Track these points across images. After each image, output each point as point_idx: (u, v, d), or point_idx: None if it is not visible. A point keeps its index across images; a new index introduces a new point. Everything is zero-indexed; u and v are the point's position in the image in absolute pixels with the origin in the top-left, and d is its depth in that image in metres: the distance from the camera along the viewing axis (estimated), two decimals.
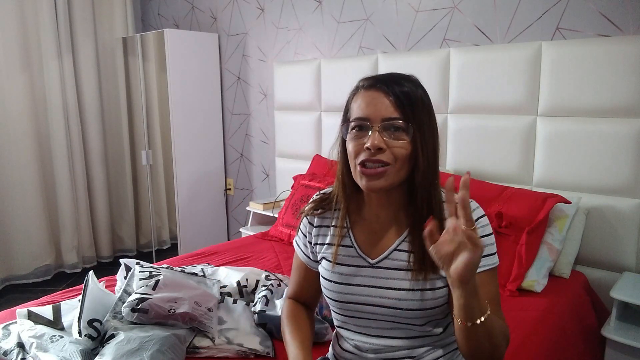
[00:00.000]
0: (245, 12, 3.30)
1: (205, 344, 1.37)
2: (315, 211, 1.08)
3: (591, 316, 1.82)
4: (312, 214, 1.09)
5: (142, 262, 1.63)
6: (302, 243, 1.12)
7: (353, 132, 0.95)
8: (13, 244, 3.30)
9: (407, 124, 0.91)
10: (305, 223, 1.10)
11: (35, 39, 3.29)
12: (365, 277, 0.99)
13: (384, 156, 0.91)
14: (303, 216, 1.11)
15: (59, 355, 1.24)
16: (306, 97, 2.93)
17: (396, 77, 0.95)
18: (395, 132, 0.91)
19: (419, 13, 2.45)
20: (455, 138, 2.31)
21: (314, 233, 1.08)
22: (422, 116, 0.93)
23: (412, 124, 0.91)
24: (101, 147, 3.70)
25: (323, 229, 1.07)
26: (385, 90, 0.92)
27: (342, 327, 1.06)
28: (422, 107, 0.94)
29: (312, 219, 1.09)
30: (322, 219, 1.08)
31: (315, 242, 1.08)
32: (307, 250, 1.11)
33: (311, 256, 1.10)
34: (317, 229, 1.08)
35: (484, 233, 0.94)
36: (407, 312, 0.95)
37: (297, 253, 1.14)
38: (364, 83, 0.97)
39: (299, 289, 1.15)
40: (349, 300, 1.00)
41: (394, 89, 0.92)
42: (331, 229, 1.06)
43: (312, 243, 1.09)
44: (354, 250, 1.02)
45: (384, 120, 0.91)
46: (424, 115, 0.94)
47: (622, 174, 1.87)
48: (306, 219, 1.10)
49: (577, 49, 1.93)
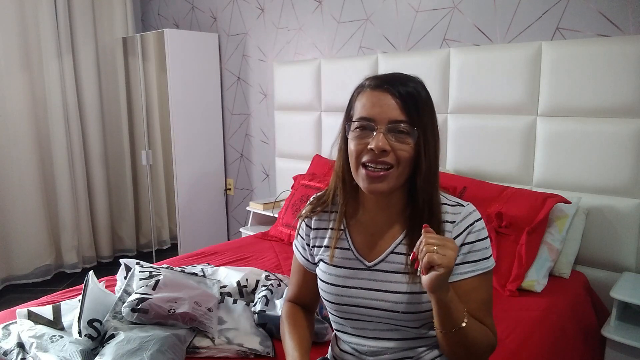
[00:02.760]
0: (245, 12, 3.30)
1: (205, 344, 1.37)
2: (313, 212, 1.08)
3: (591, 316, 1.82)
4: (309, 216, 1.08)
5: (142, 262, 1.63)
6: (300, 246, 1.12)
7: (357, 131, 0.93)
8: (13, 244, 3.30)
9: (413, 127, 0.90)
10: (303, 226, 1.10)
11: (35, 39, 3.29)
12: (362, 279, 0.99)
13: (388, 158, 0.90)
14: (301, 220, 1.10)
15: (59, 355, 1.24)
16: (306, 97, 2.93)
17: (402, 78, 0.94)
18: (400, 134, 0.90)
19: (419, 13, 2.45)
20: (455, 138, 2.31)
21: (311, 235, 1.08)
22: (427, 119, 0.93)
23: (418, 128, 0.91)
24: (101, 147, 3.70)
25: (321, 231, 1.07)
26: (392, 91, 0.91)
27: (340, 330, 1.06)
28: (427, 110, 0.93)
29: (309, 221, 1.09)
30: (319, 222, 1.08)
31: (313, 245, 1.08)
32: (305, 253, 1.10)
33: (310, 259, 1.10)
34: (315, 232, 1.08)
35: (478, 238, 0.94)
36: (404, 314, 0.95)
37: (296, 256, 1.14)
38: (371, 82, 0.95)
39: (298, 291, 1.15)
40: (345, 302, 1.00)
41: (401, 90, 0.91)
42: (328, 231, 1.06)
43: (310, 245, 1.09)
44: (351, 253, 1.01)
45: (390, 122, 0.90)
46: (428, 119, 0.93)
47: (622, 174, 1.87)
48: (304, 222, 1.10)
49: (577, 49, 1.93)
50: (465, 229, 0.94)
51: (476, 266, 0.93)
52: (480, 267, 0.94)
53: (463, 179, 2.12)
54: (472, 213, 0.96)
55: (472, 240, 0.94)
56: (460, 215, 0.95)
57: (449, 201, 0.97)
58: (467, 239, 0.94)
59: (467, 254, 0.94)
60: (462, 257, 0.93)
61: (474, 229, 0.94)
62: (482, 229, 0.95)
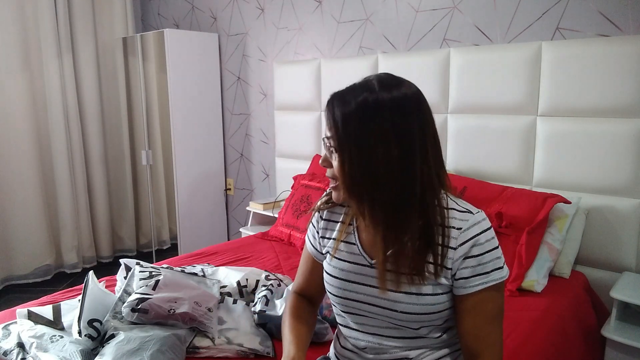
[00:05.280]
0: (245, 12, 3.30)
1: (205, 344, 1.37)
2: (327, 204, 1.09)
3: (591, 316, 1.82)
4: (324, 208, 1.10)
5: (142, 262, 1.63)
6: (311, 235, 1.13)
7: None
8: (13, 244, 3.30)
9: (337, 142, 0.91)
10: (316, 215, 1.12)
11: (35, 39, 3.29)
12: (364, 275, 1.00)
13: (329, 172, 0.96)
14: (315, 211, 1.12)
15: (59, 355, 1.24)
16: (306, 97, 2.93)
17: (348, 90, 0.92)
18: (330, 151, 0.94)
19: (419, 13, 2.45)
20: (455, 138, 2.31)
21: (322, 226, 1.10)
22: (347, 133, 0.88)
23: (344, 143, 0.89)
24: (101, 147, 3.70)
25: (331, 223, 1.08)
26: (329, 107, 0.92)
27: (342, 325, 1.08)
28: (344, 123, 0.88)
29: (322, 212, 1.10)
30: (331, 214, 1.09)
31: (323, 236, 1.09)
32: (315, 242, 1.12)
33: (318, 247, 1.11)
34: (326, 223, 1.09)
35: (485, 250, 0.91)
36: (403, 314, 0.95)
37: (306, 245, 1.15)
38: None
39: (305, 282, 1.16)
40: (347, 296, 1.01)
41: (333, 105, 0.91)
42: (339, 224, 1.07)
43: (319, 235, 1.10)
44: (357, 248, 1.02)
45: (324, 137, 0.95)
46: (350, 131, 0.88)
47: (622, 174, 1.87)
48: (317, 212, 1.11)
49: (577, 49, 1.93)
50: (470, 239, 0.91)
51: (488, 277, 0.91)
52: (493, 278, 0.92)
53: (463, 179, 2.12)
54: (480, 222, 0.92)
55: (478, 253, 0.91)
56: (467, 222, 0.92)
57: (458, 206, 0.94)
58: (472, 251, 0.91)
59: (477, 266, 0.91)
60: (471, 269, 0.91)
61: (479, 242, 0.91)
62: (490, 240, 0.92)
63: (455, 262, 0.92)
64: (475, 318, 0.93)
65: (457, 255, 0.91)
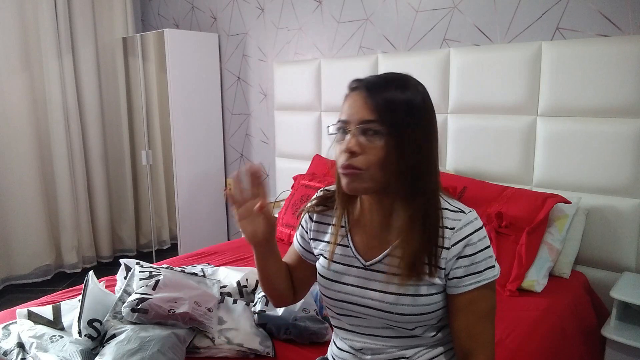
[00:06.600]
0: (245, 12, 3.30)
1: (205, 344, 1.37)
2: (317, 208, 1.08)
3: (591, 316, 1.82)
4: (313, 211, 1.09)
5: (142, 262, 1.63)
6: (299, 234, 1.13)
7: (337, 134, 0.94)
8: (13, 244, 3.30)
9: (384, 127, 0.88)
10: (306, 218, 1.11)
11: (35, 39, 3.29)
12: (357, 277, 1.00)
13: (357, 161, 0.88)
14: (304, 213, 1.11)
15: (59, 355, 1.24)
16: (306, 97, 2.93)
17: (383, 79, 0.92)
18: (372, 135, 0.88)
19: (419, 13, 2.45)
20: (455, 138, 2.31)
21: (312, 228, 1.09)
22: (406, 119, 0.89)
23: (391, 128, 0.88)
24: (101, 147, 3.70)
25: (322, 225, 1.08)
26: (365, 92, 0.90)
27: (338, 326, 1.07)
28: (406, 110, 0.89)
29: (312, 214, 1.10)
30: (322, 216, 1.09)
31: (313, 238, 1.09)
32: (304, 243, 1.12)
33: (308, 248, 1.11)
34: (317, 225, 1.09)
35: (477, 249, 0.92)
36: (397, 315, 0.95)
37: (294, 244, 1.15)
38: (351, 85, 0.96)
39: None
40: (340, 298, 1.01)
41: (374, 91, 0.90)
42: (330, 227, 1.07)
43: (310, 237, 1.10)
44: (350, 250, 1.02)
45: (360, 122, 0.89)
46: (408, 119, 0.89)
47: (622, 174, 1.87)
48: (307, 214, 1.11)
49: (577, 49, 1.93)
50: (463, 239, 0.92)
51: (481, 276, 0.92)
52: (486, 276, 0.92)
53: (463, 179, 2.12)
54: (472, 222, 0.93)
55: (471, 252, 0.91)
56: (460, 222, 0.92)
57: (451, 206, 0.95)
58: (465, 251, 0.92)
59: (470, 266, 0.92)
60: (465, 269, 0.92)
61: (471, 241, 0.91)
62: (482, 239, 0.93)
63: (449, 262, 0.92)
64: (468, 316, 0.93)
65: (450, 255, 0.92)
